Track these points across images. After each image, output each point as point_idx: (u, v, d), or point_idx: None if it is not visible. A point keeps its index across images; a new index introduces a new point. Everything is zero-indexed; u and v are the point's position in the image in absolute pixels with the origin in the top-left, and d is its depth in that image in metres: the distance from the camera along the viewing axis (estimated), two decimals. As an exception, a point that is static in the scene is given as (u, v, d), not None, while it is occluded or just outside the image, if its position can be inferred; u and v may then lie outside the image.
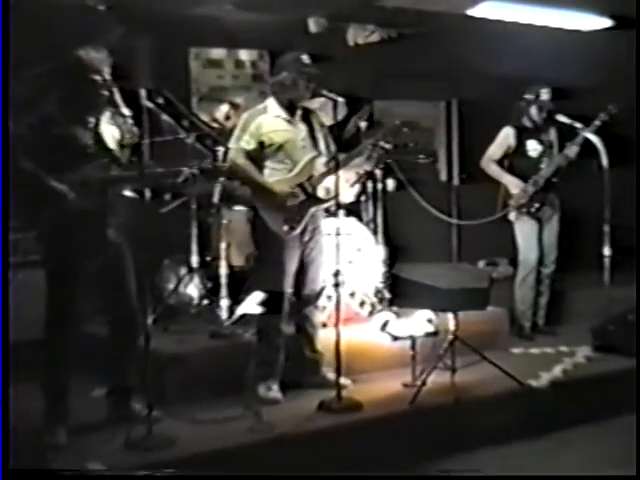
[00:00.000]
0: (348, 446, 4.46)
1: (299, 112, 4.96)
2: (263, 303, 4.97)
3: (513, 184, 6.30)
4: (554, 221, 6.40)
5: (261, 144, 4.85)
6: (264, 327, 4.94)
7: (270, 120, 4.87)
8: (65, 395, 4.26)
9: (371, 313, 5.92)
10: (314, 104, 5.26)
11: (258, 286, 5.00)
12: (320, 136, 5.00)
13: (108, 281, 4.34)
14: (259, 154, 4.86)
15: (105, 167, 4.21)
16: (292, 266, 4.90)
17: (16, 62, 5.25)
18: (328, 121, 5.17)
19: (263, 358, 4.87)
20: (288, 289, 4.90)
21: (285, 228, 4.81)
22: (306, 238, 4.93)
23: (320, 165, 4.90)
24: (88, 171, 4.14)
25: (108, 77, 4.17)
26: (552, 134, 6.43)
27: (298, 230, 4.84)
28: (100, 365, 4.54)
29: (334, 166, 4.80)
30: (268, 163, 4.89)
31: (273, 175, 4.89)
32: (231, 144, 4.89)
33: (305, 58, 4.90)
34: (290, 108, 4.93)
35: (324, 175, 4.90)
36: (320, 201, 4.92)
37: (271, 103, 4.93)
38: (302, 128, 4.96)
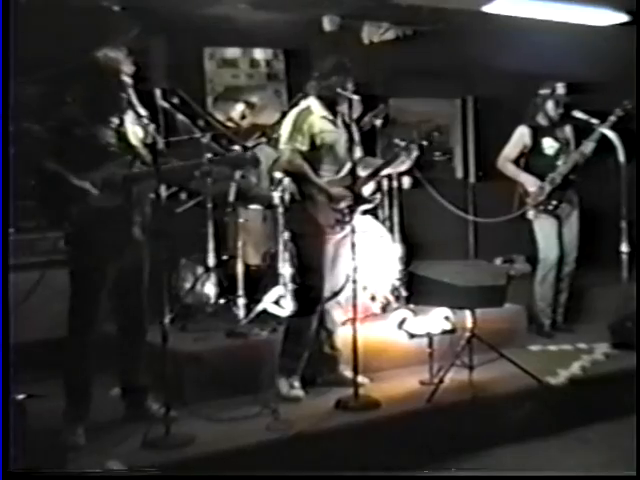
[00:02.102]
0: (365, 444, 4.45)
1: (340, 114, 4.98)
2: (298, 302, 5.01)
3: (530, 182, 6.28)
4: (573, 218, 6.39)
5: (312, 144, 4.85)
6: (294, 324, 4.95)
7: (318, 120, 4.88)
8: (86, 395, 4.29)
9: (384, 310, 5.92)
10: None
11: (299, 285, 5.11)
12: (357, 139, 5.02)
13: (129, 280, 4.36)
14: (311, 154, 4.86)
15: (129, 165, 4.23)
16: (328, 263, 4.92)
17: (33, 65, 5.29)
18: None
19: (289, 353, 4.90)
20: (325, 285, 4.91)
21: (337, 228, 4.86)
22: (339, 236, 4.94)
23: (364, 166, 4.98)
24: (112, 169, 4.17)
25: (127, 78, 4.19)
26: (568, 131, 6.42)
27: (347, 229, 4.85)
28: (118, 364, 4.55)
29: (376, 169, 4.98)
30: (319, 164, 4.89)
31: (323, 176, 4.90)
32: (283, 143, 4.88)
33: (348, 62, 4.94)
34: (332, 110, 4.94)
35: (370, 177, 4.98)
36: (365, 201, 4.97)
37: (314, 104, 4.93)
38: (343, 130, 4.98)
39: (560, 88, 6.34)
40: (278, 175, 5.24)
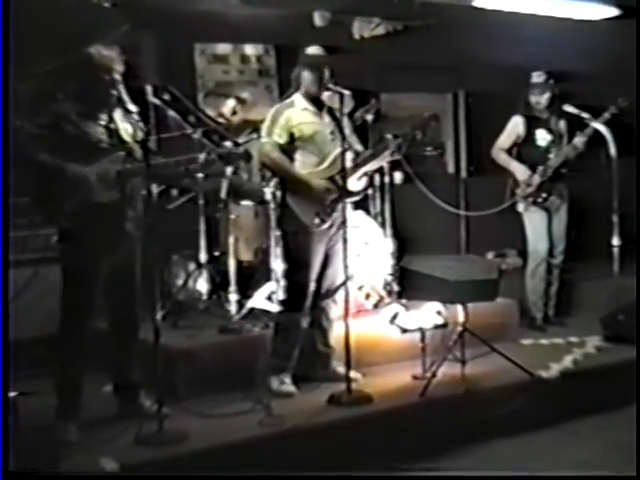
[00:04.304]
0: (358, 439, 4.46)
1: (326, 106, 4.98)
2: (285, 297, 5.00)
3: (520, 171, 6.31)
4: (562, 211, 6.41)
5: (291, 137, 4.85)
6: (283, 321, 4.94)
7: (298, 113, 4.88)
8: (78, 392, 4.29)
9: (376, 306, 5.92)
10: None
11: (285, 280, 5.07)
12: (348, 131, 4.99)
13: (121, 277, 4.36)
14: (290, 147, 4.87)
15: (122, 161, 4.23)
16: (318, 259, 4.91)
17: (23, 61, 5.28)
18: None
19: (278, 351, 4.89)
20: (312, 283, 4.90)
21: (316, 221, 4.83)
22: (332, 231, 4.93)
23: (349, 159, 4.90)
24: (106, 165, 4.17)
25: (117, 75, 4.18)
26: (562, 125, 6.44)
27: (328, 223, 4.85)
28: (110, 361, 4.55)
29: (363, 159, 4.93)
30: (297, 156, 4.89)
31: (304, 168, 4.89)
32: (263, 138, 4.88)
33: (316, 51, 4.92)
34: (316, 102, 4.94)
35: (355, 169, 4.93)
36: (350, 194, 4.91)
37: (297, 97, 4.94)
38: (329, 122, 4.96)
39: (541, 76, 6.42)
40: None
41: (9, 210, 4.20)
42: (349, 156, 4.93)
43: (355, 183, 5.02)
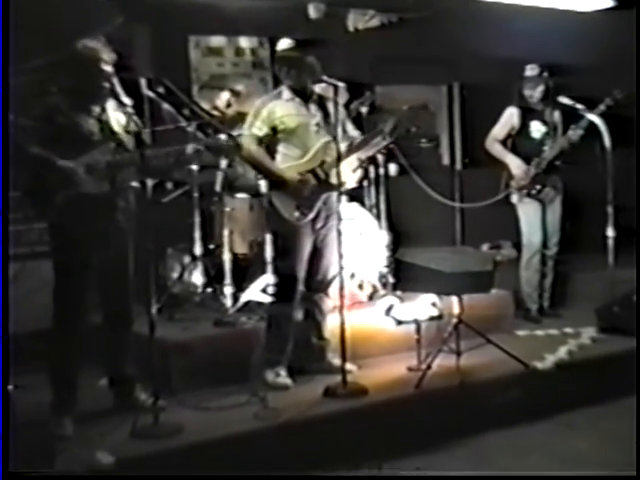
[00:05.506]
0: (354, 431, 4.46)
1: (314, 97, 4.96)
2: (275, 290, 5.00)
3: (515, 164, 6.30)
4: (557, 203, 6.41)
5: (274, 130, 4.84)
6: (275, 314, 4.94)
7: (283, 104, 4.86)
8: (73, 386, 4.29)
9: (372, 298, 5.93)
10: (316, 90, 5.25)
11: (272, 273, 5.04)
12: (341, 119, 4.90)
13: (115, 271, 4.36)
14: (271, 140, 4.85)
15: (112, 152, 4.22)
16: (305, 252, 4.89)
17: (18, 54, 5.26)
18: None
19: (272, 345, 4.88)
20: (301, 275, 4.89)
21: (296, 214, 4.81)
22: (319, 224, 4.92)
23: (335, 150, 4.79)
24: (96, 156, 4.16)
25: (108, 67, 4.18)
26: (556, 116, 6.43)
27: (310, 216, 4.84)
28: (105, 355, 4.55)
29: (357, 145, 4.90)
30: (280, 148, 4.88)
31: (285, 161, 4.88)
32: (244, 131, 4.86)
33: (285, 45, 4.90)
34: (303, 93, 4.92)
35: (348, 154, 4.88)
36: (333, 187, 4.85)
37: (284, 88, 4.94)
38: (316, 113, 4.93)
39: (535, 69, 6.42)
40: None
41: (9, 204, 4.19)
42: (343, 145, 4.90)
43: (350, 176, 5.02)
